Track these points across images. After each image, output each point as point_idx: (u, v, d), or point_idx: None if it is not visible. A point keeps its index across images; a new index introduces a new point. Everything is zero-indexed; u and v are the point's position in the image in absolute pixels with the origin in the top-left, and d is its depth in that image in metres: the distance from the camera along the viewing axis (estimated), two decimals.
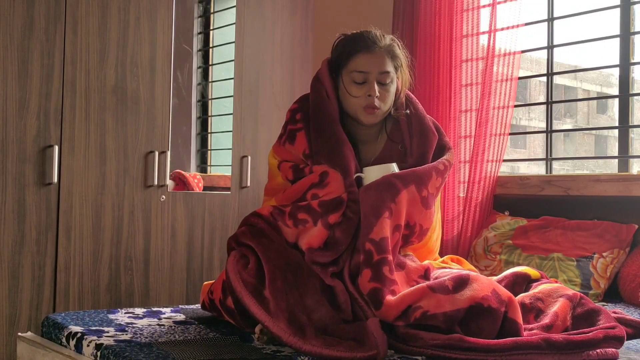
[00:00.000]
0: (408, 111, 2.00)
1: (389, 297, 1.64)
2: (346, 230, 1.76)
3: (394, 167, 1.87)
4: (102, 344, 1.62)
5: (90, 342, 1.67)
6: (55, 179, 2.74)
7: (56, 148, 2.74)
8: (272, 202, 1.93)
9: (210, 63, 3.52)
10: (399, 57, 1.95)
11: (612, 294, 2.49)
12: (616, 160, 2.87)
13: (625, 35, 2.80)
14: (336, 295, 1.71)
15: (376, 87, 1.89)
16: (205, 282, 1.97)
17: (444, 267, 1.93)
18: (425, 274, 1.82)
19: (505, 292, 1.67)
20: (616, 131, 2.87)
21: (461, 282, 1.66)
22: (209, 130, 3.50)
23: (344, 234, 1.76)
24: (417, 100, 2.07)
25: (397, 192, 1.78)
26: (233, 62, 3.32)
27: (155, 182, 3.01)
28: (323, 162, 1.86)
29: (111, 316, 1.96)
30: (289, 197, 1.88)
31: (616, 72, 2.86)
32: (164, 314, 2.02)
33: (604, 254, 2.51)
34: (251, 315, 1.64)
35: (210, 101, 3.52)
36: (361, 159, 1.96)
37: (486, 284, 1.66)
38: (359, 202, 1.78)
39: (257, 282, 1.68)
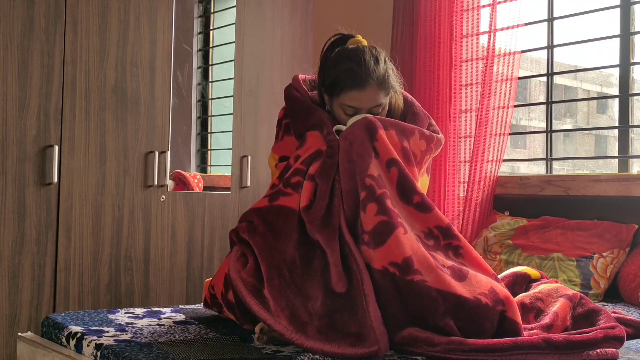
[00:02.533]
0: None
1: (401, 231, 1.63)
2: (322, 174, 1.75)
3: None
4: (102, 344, 1.62)
5: (90, 342, 1.67)
6: (55, 179, 2.74)
7: (56, 148, 2.74)
8: None
9: (210, 63, 3.52)
10: (392, 86, 1.90)
11: (612, 294, 2.49)
12: (616, 160, 2.87)
13: (625, 35, 2.80)
14: (329, 269, 1.67)
15: None
16: (207, 279, 1.98)
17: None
18: (429, 231, 1.75)
19: (502, 291, 1.66)
20: (616, 131, 2.88)
21: (460, 275, 1.66)
22: (209, 130, 3.50)
23: (321, 177, 1.75)
24: (413, 99, 2.07)
25: (376, 130, 1.76)
26: (233, 62, 3.32)
27: (155, 182, 3.01)
28: (303, 132, 1.87)
29: (111, 316, 1.96)
30: None
31: (616, 72, 2.86)
32: (164, 314, 2.02)
33: (604, 254, 2.51)
34: (253, 314, 1.65)
35: (210, 101, 3.52)
36: None
37: (484, 282, 1.66)
38: (337, 147, 1.77)
39: (256, 281, 1.68)
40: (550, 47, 3.05)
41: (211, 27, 3.50)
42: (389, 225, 1.64)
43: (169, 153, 3.04)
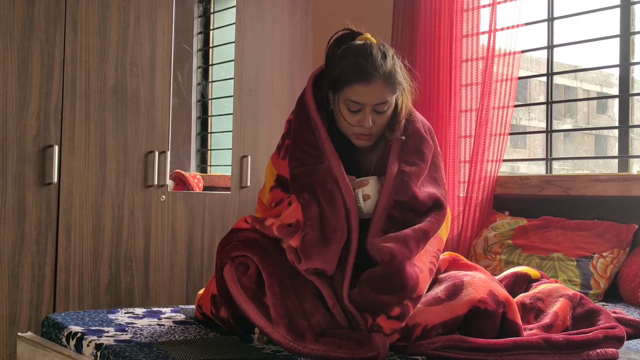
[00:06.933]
0: (403, 137, 1.84)
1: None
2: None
3: (375, 182, 1.78)
4: (102, 344, 1.62)
5: (90, 342, 1.67)
6: (55, 179, 2.74)
7: (56, 148, 2.74)
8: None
9: (210, 63, 3.52)
10: (400, 83, 1.77)
11: (612, 294, 2.49)
12: (616, 160, 2.87)
13: (625, 35, 2.80)
14: (325, 299, 1.66)
15: (371, 116, 1.76)
16: (199, 292, 1.97)
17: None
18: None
19: (502, 293, 1.66)
20: (616, 131, 2.88)
21: (455, 290, 1.66)
22: (209, 130, 3.50)
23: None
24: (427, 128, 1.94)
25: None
26: (233, 62, 3.32)
27: (155, 182, 3.00)
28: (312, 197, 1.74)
29: (111, 316, 1.96)
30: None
31: (616, 72, 2.86)
32: (164, 314, 2.02)
33: (604, 254, 2.51)
34: (250, 321, 1.64)
35: (210, 101, 3.52)
36: (360, 169, 1.88)
37: (482, 286, 1.66)
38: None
39: (256, 287, 1.67)
40: (550, 47, 3.05)
41: (211, 27, 3.50)
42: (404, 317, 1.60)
43: (169, 153, 3.04)
